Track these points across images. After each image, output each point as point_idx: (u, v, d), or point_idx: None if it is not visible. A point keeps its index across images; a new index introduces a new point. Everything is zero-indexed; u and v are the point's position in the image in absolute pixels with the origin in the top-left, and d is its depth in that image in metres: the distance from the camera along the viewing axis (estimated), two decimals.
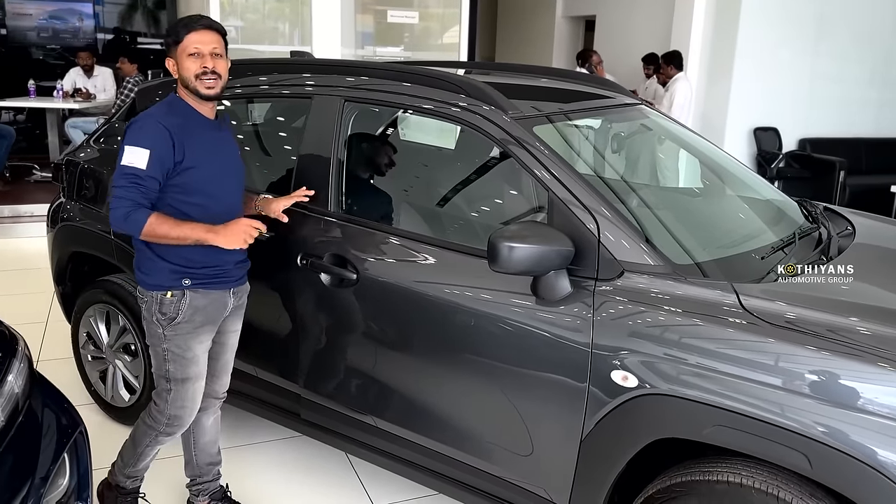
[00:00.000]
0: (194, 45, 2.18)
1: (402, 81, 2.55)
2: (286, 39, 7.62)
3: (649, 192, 2.78)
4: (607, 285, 2.03)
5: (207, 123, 2.27)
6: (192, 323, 2.27)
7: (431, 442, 2.40)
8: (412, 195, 2.89)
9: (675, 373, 1.87)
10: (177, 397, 2.33)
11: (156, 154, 2.12)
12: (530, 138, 2.24)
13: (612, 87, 3.05)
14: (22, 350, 1.82)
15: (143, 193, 2.12)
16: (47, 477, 1.70)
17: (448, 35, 8.17)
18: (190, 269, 2.24)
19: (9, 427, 1.62)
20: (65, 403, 1.95)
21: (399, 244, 2.43)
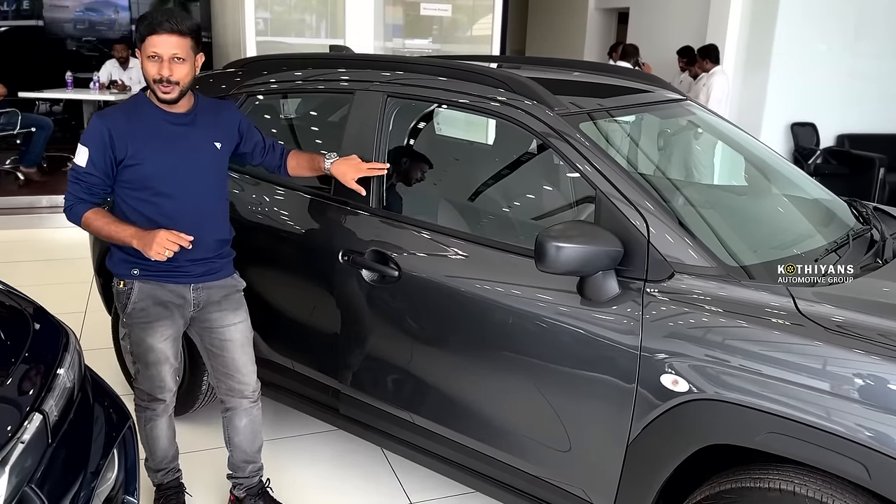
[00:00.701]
0: (153, 49, 2.16)
1: (446, 77, 2.53)
2: (313, 32, 7.62)
3: (698, 191, 2.73)
4: (657, 287, 1.99)
5: (170, 119, 2.27)
6: (145, 316, 2.32)
7: (469, 439, 2.38)
8: (454, 192, 2.87)
9: (729, 378, 1.83)
10: (144, 378, 2.42)
11: (92, 152, 2.21)
12: (576, 134, 2.20)
13: (656, 83, 3.00)
14: (73, 344, 1.83)
15: (83, 188, 2.22)
16: (98, 471, 1.71)
17: (478, 27, 8.11)
18: (139, 260, 2.26)
19: (62, 421, 1.63)
20: (114, 397, 1.97)
21: (441, 241, 2.41)
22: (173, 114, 2.28)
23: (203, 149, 2.33)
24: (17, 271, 5.28)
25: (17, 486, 1.44)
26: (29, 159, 7.24)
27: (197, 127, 2.32)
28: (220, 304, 2.42)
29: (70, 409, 1.69)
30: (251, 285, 2.81)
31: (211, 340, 2.46)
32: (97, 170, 2.21)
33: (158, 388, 2.43)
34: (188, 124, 2.30)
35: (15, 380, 1.57)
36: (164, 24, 2.15)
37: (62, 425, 1.63)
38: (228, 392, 2.51)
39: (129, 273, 2.30)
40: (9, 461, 1.42)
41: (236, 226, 2.50)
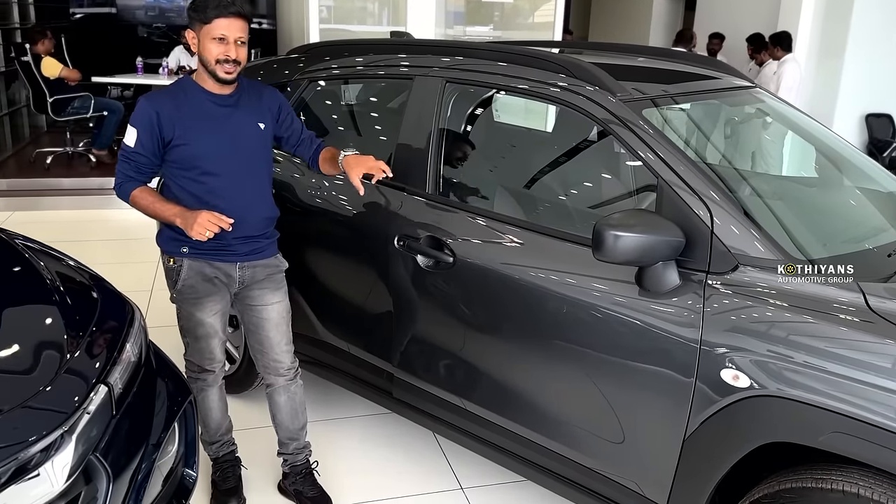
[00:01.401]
0: (221, 31, 2.22)
1: (505, 62, 2.50)
2: (375, 19, 7.65)
3: (765, 180, 2.64)
4: (720, 279, 1.94)
5: (213, 100, 2.33)
6: (194, 292, 2.41)
7: (521, 428, 2.37)
8: (511, 178, 2.84)
9: (793, 375, 1.77)
10: (194, 350, 2.51)
11: (140, 133, 2.28)
12: (639, 121, 2.15)
13: (724, 69, 2.90)
14: (138, 319, 1.89)
15: (132, 167, 2.31)
16: (159, 443, 1.76)
17: (540, 13, 8.01)
18: (187, 238, 2.30)
19: (125, 394, 1.68)
20: (176, 372, 2.03)
21: (496, 228, 2.39)
22: (218, 95, 2.34)
23: (247, 129, 2.38)
24: (87, 250, 5.49)
25: (83, 454, 1.49)
26: (100, 142, 7.49)
27: (241, 108, 2.38)
28: (263, 283, 2.48)
29: (134, 382, 1.74)
30: (309, 268, 2.86)
31: (250, 318, 2.53)
32: (145, 149, 2.29)
33: (208, 360, 2.51)
34: (233, 105, 2.36)
35: (83, 352, 1.63)
36: (231, 7, 2.22)
37: (126, 398, 1.69)
38: (265, 369, 2.58)
39: (179, 251, 2.38)
40: (75, 430, 1.48)
41: (296, 209, 2.53)
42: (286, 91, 3.04)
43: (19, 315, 1.77)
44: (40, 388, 1.49)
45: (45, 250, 2.07)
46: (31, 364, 1.59)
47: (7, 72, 8.21)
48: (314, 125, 3.24)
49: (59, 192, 6.70)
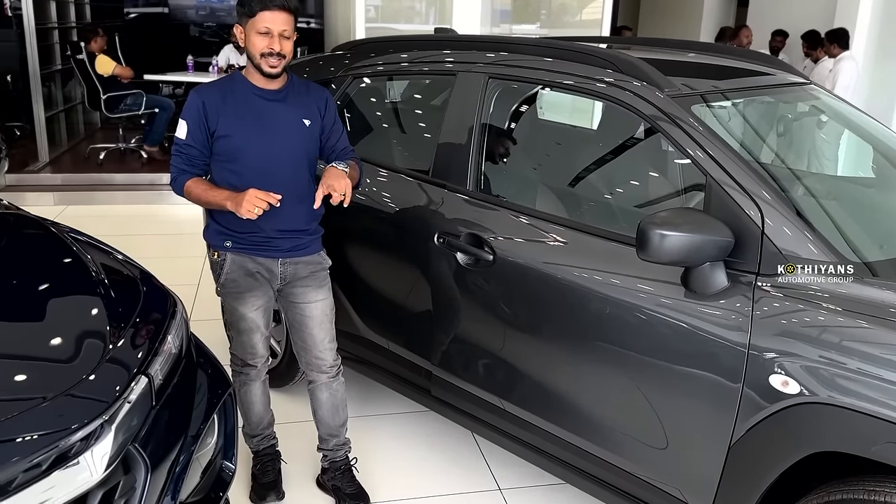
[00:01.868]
0: (266, 24, 2.22)
1: (549, 57, 2.46)
2: (422, 18, 7.65)
3: (819, 180, 2.55)
4: (770, 281, 1.87)
5: (260, 94, 2.34)
6: (236, 286, 2.43)
7: (560, 430, 2.33)
8: (553, 175, 2.80)
9: (846, 382, 1.69)
10: (237, 343, 2.54)
11: (189, 125, 2.32)
12: (688, 117, 2.10)
13: (778, 65, 2.81)
14: (180, 311, 1.91)
15: (184, 160, 2.34)
16: (198, 435, 1.77)
17: (588, 10, 7.91)
18: (231, 232, 2.37)
19: (166, 385, 1.70)
20: (216, 365, 2.04)
21: (538, 226, 2.35)
22: (266, 90, 2.35)
23: (292, 125, 2.38)
24: (137, 244, 5.60)
25: (122, 444, 1.51)
26: (152, 138, 7.65)
27: (287, 104, 2.38)
28: (306, 280, 2.48)
29: (174, 373, 1.76)
30: (350, 264, 2.86)
31: (293, 315, 2.53)
32: (195, 141, 2.32)
33: (250, 354, 2.53)
34: (280, 100, 2.37)
35: (125, 343, 1.65)
36: (276, 0, 2.22)
37: (166, 389, 1.70)
38: (308, 366, 2.59)
39: (223, 245, 2.41)
40: (116, 420, 1.49)
41: (338, 206, 2.51)
42: (331, 87, 3.05)
43: (64, 305, 1.80)
44: (82, 378, 1.51)
45: (93, 243, 2.11)
46: (74, 353, 1.61)
47: (63, 69, 8.44)
48: (358, 121, 3.25)
49: (112, 187, 6.86)
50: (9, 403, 1.41)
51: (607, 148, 2.91)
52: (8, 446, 1.33)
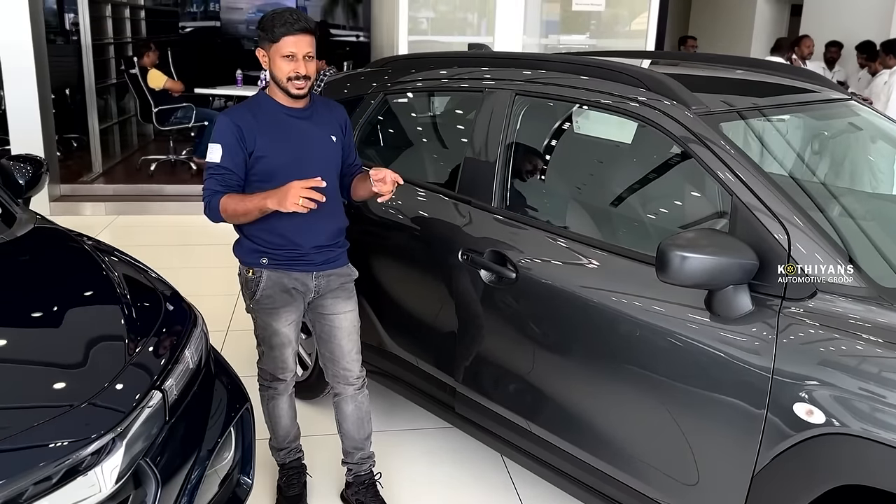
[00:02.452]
0: (290, 49, 2.24)
1: (576, 74, 2.44)
2: (474, 30, 7.65)
3: (856, 200, 2.46)
4: (796, 306, 1.80)
5: (289, 113, 2.35)
6: (271, 302, 2.43)
7: (586, 454, 2.28)
8: (578, 194, 2.77)
9: (874, 413, 1.62)
10: (268, 358, 2.54)
11: (225, 147, 2.28)
12: (714, 136, 2.04)
13: (816, 80, 2.73)
14: (200, 326, 1.94)
15: (219, 182, 2.29)
16: (213, 449, 1.80)
17: (637, 22, 7.81)
18: (267, 249, 2.38)
19: (181, 400, 1.73)
20: (235, 379, 2.07)
21: (561, 245, 2.33)
22: (294, 109, 2.37)
23: (322, 141, 2.42)
24: (184, 253, 5.75)
25: (133, 459, 1.54)
26: (201, 150, 7.84)
27: (315, 121, 2.41)
28: (336, 291, 2.51)
29: (190, 388, 1.79)
30: (375, 277, 2.87)
31: (322, 327, 2.55)
32: (232, 163, 2.30)
33: (280, 368, 2.55)
34: (308, 118, 2.40)
35: (141, 358, 1.69)
36: (298, 23, 2.25)
37: (181, 403, 1.73)
38: (334, 378, 2.60)
39: (258, 262, 2.42)
40: (126, 435, 1.52)
41: (364, 219, 2.55)
42: (364, 103, 3.08)
43: (83, 317, 1.85)
44: (95, 392, 1.54)
45: (121, 257, 2.16)
46: (89, 367, 1.65)
47: (118, 83, 8.73)
48: (389, 136, 3.27)
49: (162, 197, 7.03)
50: (9, 413, 1.44)
51: (635, 165, 2.86)
52: (16, 459, 1.37)
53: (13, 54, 6.11)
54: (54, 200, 6.53)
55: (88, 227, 6.19)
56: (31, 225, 2.24)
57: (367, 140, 3.17)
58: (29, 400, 1.51)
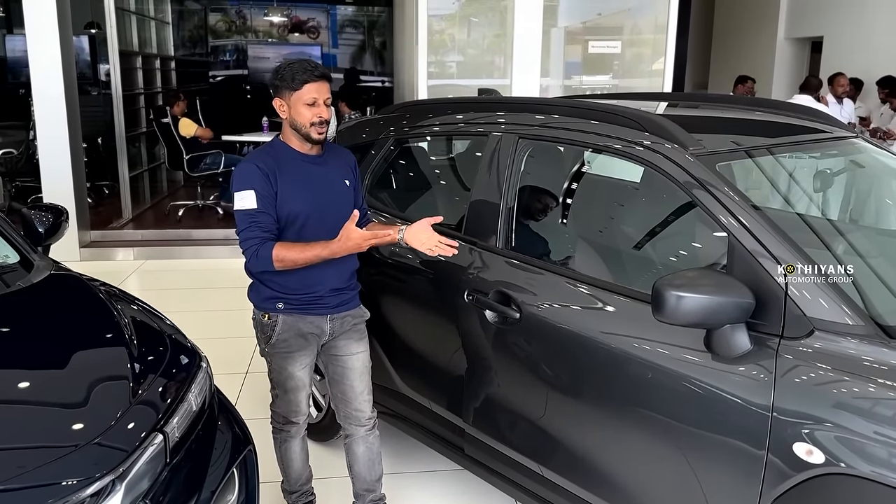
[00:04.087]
0: (312, 95, 2.30)
1: (576, 118, 2.48)
2: (495, 73, 7.77)
3: (858, 237, 2.45)
4: (794, 344, 1.80)
5: (306, 159, 2.40)
6: (287, 346, 2.46)
7: (597, 499, 2.26)
8: (582, 234, 2.79)
9: (872, 452, 1.60)
10: (281, 402, 2.57)
11: (259, 191, 2.29)
12: (711, 176, 2.06)
13: (820, 118, 2.74)
14: (204, 368, 1.98)
15: (262, 228, 2.30)
16: (216, 490, 1.82)
17: (659, 62, 7.87)
18: (285, 294, 2.40)
19: (183, 442, 1.76)
20: (239, 421, 2.10)
21: (565, 285, 2.34)
22: (310, 155, 2.42)
23: (338, 185, 2.47)
24: (210, 296, 5.84)
25: (133, 501, 1.56)
26: (229, 195, 7.96)
27: (330, 166, 2.46)
28: (349, 333, 2.54)
29: (193, 430, 1.82)
30: (387, 318, 2.91)
31: (334, 368, 2.57)
32: (268, 206, 2.30)
33: (294, 412, 2.58)
34: (323, 164, 2.45)
35: (144, 400, 1.73)
36: (316, 70, 2.32)
37: (183, 445, 1.76)
38: (346, 419, 2.61)
39: (275, 307, 2.44)
40: (126, 476, 1.56)
41: (373, 260, 2.58)
42: (372, 148, 3.16)
43: (89, 359, 1.90)
44: (96, 434, 1.58)
45: (129, 299, 2.22)
46: (91, 408, 1.70)
47: (148, 131, 9.00)
48: (400, 180, 3.34)
49: (189, 242, 7.18)
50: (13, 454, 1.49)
51: (639, 204, 2.89)
52: (19, 499, 1.41)
53: (46, 105, 6.35)
54: (84, 246, 6.70)
55: (117, 272, 6.36)
56: (48, 272, 2.33)
57: (378, 184, 3.23)
58: (32, 440, 1.55)
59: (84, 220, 6.80)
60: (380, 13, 13.48)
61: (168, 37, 10.84)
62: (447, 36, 7.65)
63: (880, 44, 8.02)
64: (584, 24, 7.96)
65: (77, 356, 1.88)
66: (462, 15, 7.63)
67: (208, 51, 11.83)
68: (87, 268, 6.21)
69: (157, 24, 10.22)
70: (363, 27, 13.78)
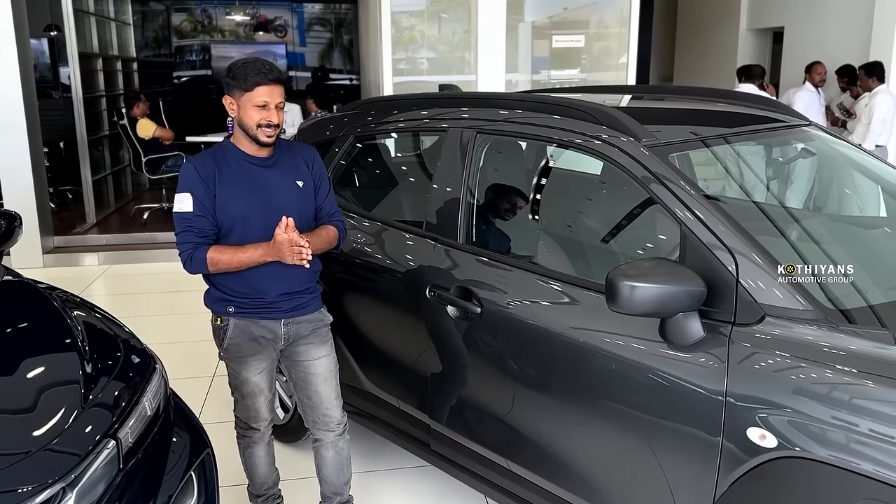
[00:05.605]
0: (263, 98, 2.25)
1: (531, 111, 2.49)
2: (460, 69, 7.77)
3: (808, 224, 2.48)
4: (745, 330, 1.82)
5: (252, 161, 2.35)
6: (239, 350, 2.43)
7: (561, 490, 2.26)
8: (540, 228, 2.80)
9: (822, 434, 1.63)
10: (242, 407, 2.54)
11: (195, 195, 2.27)
12: (663, 167, 2.08)
13: (775, 108, 2.77)
14: (159, 372, 1.95)
15: (195, 233, 2.27)
16: (173, 495, 1.80)
17: (625, 55, 7.92)
18: (233, 297, 2.36)
19: (137, 447, 1.74)
20: (195, 424, 2.08)
21: (524, 279, 2.35)
22: (258, 157, 2.37)
23: (286, 187, 2.40)
24: (176, 299, 5.76)
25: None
26: None
27: (279, 168, 2.40)
28: (308, 337, 2.49)
29: (148, 435, 1.80)
30: (352, 317, 2.89)
31: (297, 373, 2.53)
32: (205, 210, 2.28)
33: (254, 417, 2.55)
34: (271, 166, 2.39)
35: (96, 404, 1.70)
36: (270, 73, 2.26)
37: (137, 451, 1.74)
38: (314, 424, 2.58)
39: (225, 310, 2.41)
40: (78, 484, 1.53)
41: (337, 259, 2.56)
42: (333, 146, 3.14)
43: (39, 364, 1.86)
44: (48, 440, 1.55)
45: (81, 303, 2.19)
46: (41, 414, 1.66)
47: (111, 134, 8.88)
48: (360, 177, 3.32)
49: (154, 245, 7.07)
50: None
51: (597, 196, 2.90)
52: None
53: (4, 110, 6.23)
54: (48, 252, 6.59)
55: (82, 277, 6.27)
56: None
57: (341, 181, 3.21)
58: None
59: (46, 226, 6.69)
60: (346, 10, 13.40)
61: (130, 38, 10.69)
62: (416, 32, 7.63)
63: (839, 33, 8.15)
64: (550, 19, 7.99)
65: (27, 362, 1.85)
66: (430, 11, 7.61)
67: (172, 51, 11.68)
68: (51, 274, 6.14)
69: (118, 25, 10.06)
70: (330, 25, 13.71)
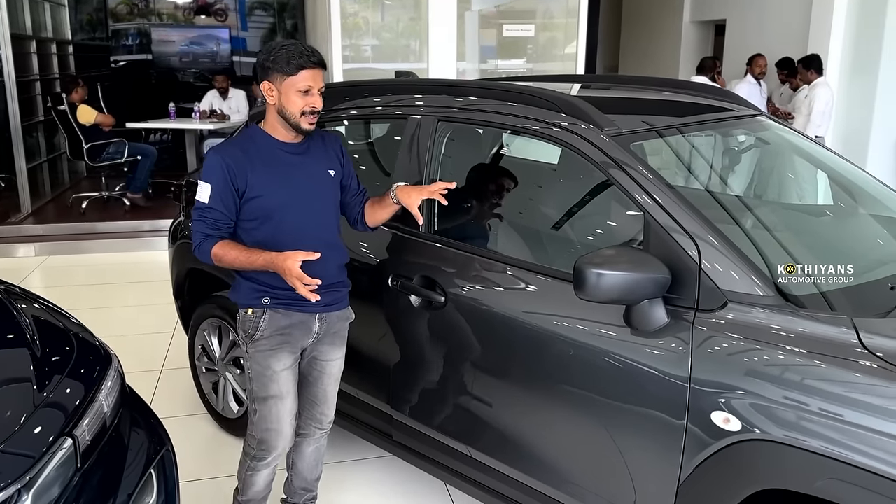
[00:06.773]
0: (307, 83, 2.13)
1: (493, 99, 2.48)
2: (411, 56, 7.72)
3: (763, 212, 2.55)
4: (708, 316, 1.86)
5: (286, 149, 2.24)
6: (270, 341, 2.27)
7: (525, 476, 2.28)
8: (502, 215, 2.80)
9: (784, 417, 1.68)
10: (261, 418, 2.34)
11: (214, 187, 2.16)
12: (625, 155, 2.10)
13: (728, 98, 2.83)
14: (115, 368, 1.88)
15: (208, 225, 2.17)
16: (133, 494, 1.74)
17: (571, 46, 7.99)
18: (269, 289, 2.24)
19: (94, 445, 1.67)
20: (152, 421, 2.01)
21: (486, 267, 2.35)
22: (289, 144, 2.25)
23: (319, 177, 2.29)
24: (120, 291, 5.60)
25: None
26: (135, 186, 7.68)
27: (311, 156, 2.29)
28: (332, 337, 2.39)
29: (104, 433, 1.73)
30: None
31: (311, 370, 2.42)
32: (221, 204, 2.17)
33: (275, 432, 2.34)
34: (303, 153, 2.27)
35: (49, 402, 1.63)
36: (313, 56, 2.14)
37: (94, 449, 1.67)
38: (309, 420, 2.49)
39: (260, 302, 2.27)
40: (33, 485, 1.46)
41: None
42: None
43: None
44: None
45: (32, 298, 2.09)
46: None
47: (46, 120, 8.52)
48: None
49: (94, 235, 6.85)
50: None
51: (560, 185, 2.92)
52: None
53: None
54: None
55: (17, 269, 6.01)
56: None
57: None
58: None
59: None
60: None
61: (65, 20, 10.26)
62: (361, 19, 7.54)
63: (779, 27, 8.38)
64: (497, 8, 8.00)
65: None
66: None
67: (109, 34, 11.26)
68: None
69: (51, 6, 9.64)
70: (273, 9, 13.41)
